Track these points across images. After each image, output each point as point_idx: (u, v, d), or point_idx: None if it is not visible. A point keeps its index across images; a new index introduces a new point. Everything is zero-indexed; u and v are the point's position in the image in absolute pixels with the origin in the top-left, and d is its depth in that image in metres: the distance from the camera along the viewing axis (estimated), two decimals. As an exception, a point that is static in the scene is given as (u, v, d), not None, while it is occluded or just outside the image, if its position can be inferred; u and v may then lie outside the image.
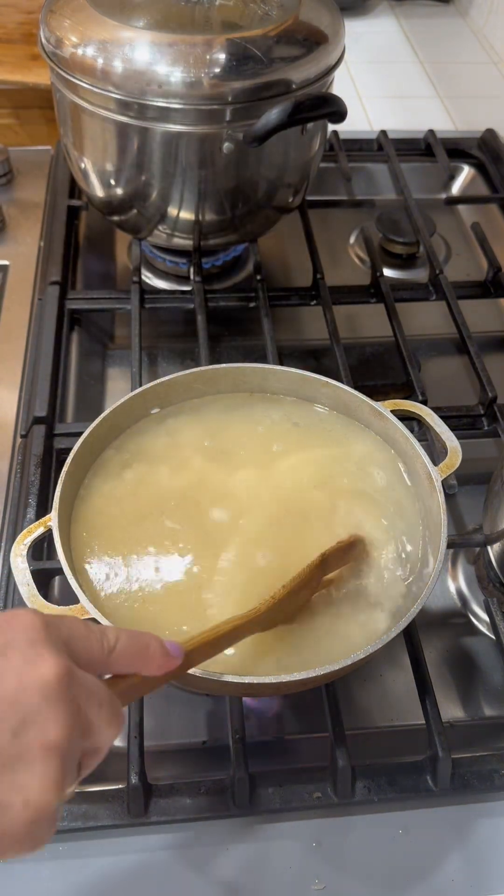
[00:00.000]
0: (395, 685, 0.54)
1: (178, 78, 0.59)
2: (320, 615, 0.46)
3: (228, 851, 0.46)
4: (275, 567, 0.47)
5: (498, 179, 0.95)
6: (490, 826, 0.48)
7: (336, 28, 0.66)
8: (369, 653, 0.41)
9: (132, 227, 0.74)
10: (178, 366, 0.74)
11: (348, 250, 0.89)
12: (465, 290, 0.79)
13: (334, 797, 0.47)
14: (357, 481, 0.52)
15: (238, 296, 0.76)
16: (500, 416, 0.66)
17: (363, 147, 0.98)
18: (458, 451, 0.51)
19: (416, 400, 0.66)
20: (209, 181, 0.66)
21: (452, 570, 0.61)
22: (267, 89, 0.61)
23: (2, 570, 0.56)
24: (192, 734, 0.52)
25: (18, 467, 0.61)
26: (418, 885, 0.45)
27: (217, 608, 0.45)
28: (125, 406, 0.53)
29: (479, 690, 0.55)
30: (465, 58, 1.24)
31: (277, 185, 0.70)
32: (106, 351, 0.76)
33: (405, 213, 0.87)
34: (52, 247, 0.78)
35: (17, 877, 0.45)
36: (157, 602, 0.46)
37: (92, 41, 0.60)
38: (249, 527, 0.49)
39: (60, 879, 0.45)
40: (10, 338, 0.73)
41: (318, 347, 0.76)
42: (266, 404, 0.56)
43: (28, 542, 0.46)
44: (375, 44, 1.26)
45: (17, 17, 1.05)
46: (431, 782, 0.47)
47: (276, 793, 0.47)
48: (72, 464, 0.48)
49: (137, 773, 0.45)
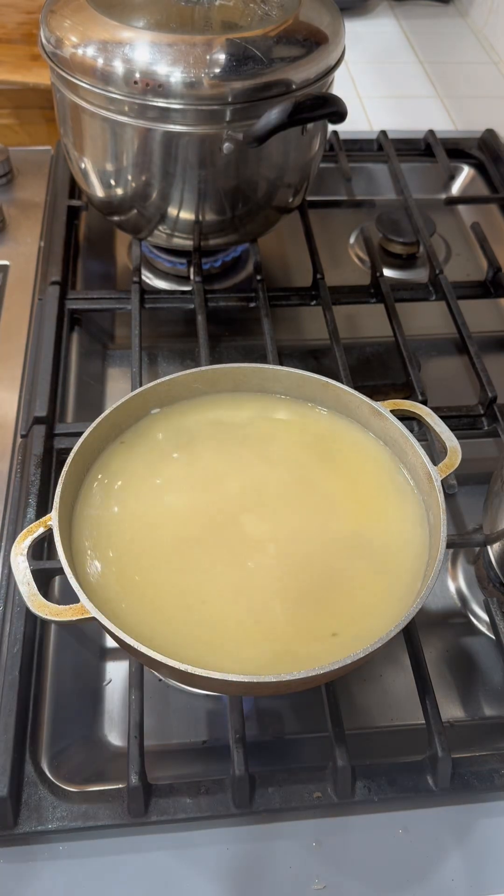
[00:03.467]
0: (395, 685, 0.54)
1: (178, 78, 0.59)
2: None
3: (228, 851, 0.46)
4: (285, 566, 0.47)
5: (498, 179, 0.95)
6: (490, 826, 0.48)
7: (336, 28, 0.66)
8: (369, 652, 0.41)
9: (132, 227, 0.74)
10: (178, 366, 0.74)
11: (348, 250, 0.89)
12: (465, 290, 0.79)
13: (334, 797, 0.47)
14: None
15: (238, 296, 0.76)
16: (500, 416, 0.66)
17: (363, 147, 0.98)
18: (457, 451, 0.51)
19: (415, 400, 0.66)
20: (209, 181, 0.66)
21: (452, 570, 0.61)
22: (267, 89, 0.61)
23: (2, 570, 0.56)
24: (192, 734, 0.52)
25: (18, 467, 0.61)
26: (418, 885, 0.45)
27: (217, 608, 0.45)
28: (125, 406, 0.53)
29: (479, 690, 0.55)
30: (465, 58, 1.24)
31: (277, 185, 0.70)
32: (106, 351, 0.76)
33: (405, 213, 0.87)
34: (52, 247, 0.78)
35: (18, 877, 0.45)
36: (157, 602, 0.46)
37: (92, 41, 0.60)
38: (256, 524, 0.49)
39: (60, 879, 0.45)
40: (10, 338, 0.73)
41: (318, 347, 0.76)
42: (266, 404, 0.57)
43: (28, 542, 0.46)
44: (375, 44, 1.26)
45: (17, 17, 1.05)
46: (431, 782, 0.47)
47: (276, 793, 0.47)
48: (72, 464, 0.48)
49: (137, 773, 0.45)
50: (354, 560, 0.48)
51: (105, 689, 0.54)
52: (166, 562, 0.47)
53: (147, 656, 0.39)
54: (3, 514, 0.59)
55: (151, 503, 0.50)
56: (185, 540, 0.48)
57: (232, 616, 0.45)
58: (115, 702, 0.53)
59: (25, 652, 0.50)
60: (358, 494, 0.51)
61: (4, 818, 0.45)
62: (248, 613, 0.45)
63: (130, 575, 0.47)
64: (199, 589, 0.46)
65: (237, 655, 0.44)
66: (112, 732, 0.52)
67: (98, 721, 0.52)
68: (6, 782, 0.45)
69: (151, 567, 0.47)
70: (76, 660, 0.55)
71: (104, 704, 0.53)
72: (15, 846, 0.46)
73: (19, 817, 0.45)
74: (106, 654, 0.55)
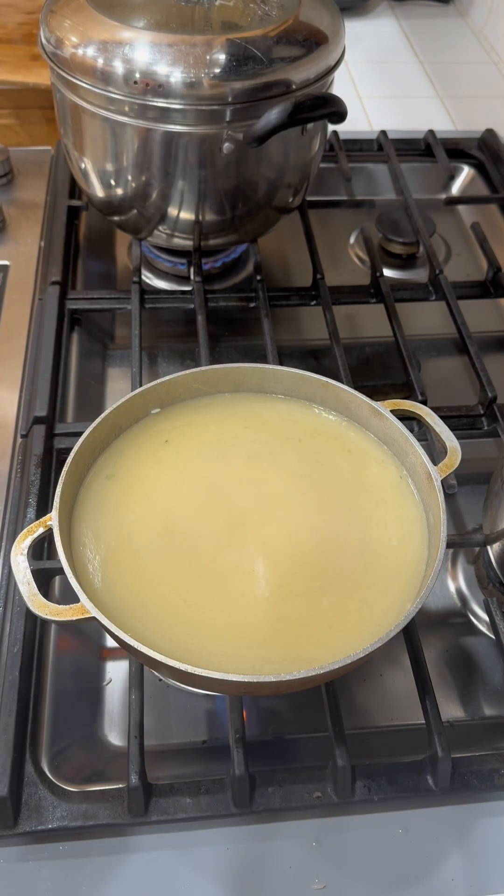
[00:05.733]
0: (395, 685, 0.54)
1: (178, 78, 0.59)
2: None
3: (228, 851, 0.46)
4: (285, 565, 0.47)
5: (498, 179, 0.95)
6: (490, 826, 0.48)
7: (336, 28, 0.66)
8: (369, 652, 0.41)
9: (132, 227, 0.74)
10: (178, 366, 0.74)
11: (348, 250, 0.89)
12: (464, 290, 0.79)
13: (334, 797, 0.47)
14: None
15: (238, 296, 0.76)
16: (499, 416, 0.66)
17: (363, 147, 0.98)
18: (457, 451, 0.51)
19: (415, 400, 0.66)
20: (209, 181, 0.66)
21: (452, 570, 0.61)
22: (267, 89, 0.61)
23: (2, 570, 0.56)
24: (192, 734, 0.52)
25: (18, 467, 0.61)
26: (418, 885, 0.45)
27: (217, 607, 0.45)
28: (125, 406, 0.53)
29: (479, 690, 0.55)
30: (465, 58, 1.24)
31: (277, 185, 0.70)
32: (106, 351, 0.76)
33: (405, 213, 0.87)
34: (52, 247, 0.78)
35: (18, 877, 0.45)
36: (157, 601, 0.46)
37: (92, 41, 0.60)
38: (256, 524, 0.49)
39: (60, 879, 0.45)
40: (10, 338, 0.73)
41: (318, 347, 0.76)
42: (266, 405, 0.57)
43: (28, 542, 0.46)
44: (375, 44, 1.26)
45: (17, 18, 1.05)
46: (431, 782, 0.47)
47: (276, 792, 0.47)
48: (72, 463, 0.48)
49: (137, 773, 0.45)
50: (354, 560, 0.48)
51: (105, 689, 0.54)
52: (166, 561, 0.47)
53: (147, 656, 0.39)
54: (3, 514, 0.59)
55: (151, 503, 0.50)
56: (185, 540, 0.48)
57: (232, 616, 0.45)
58: (115, 702, 0.53)
59: (25, 652, 0.50)
60: (357, 494, 0.51)
61: (4, 818, 0.45)
62: (248, 613, 0.45)
63: (130, 575, 0.47)
64: (199, 588, 0.46)
65: (237, 655, 0.44)
66: (112, 732, 0.52)
67: (98, 721, 0.52)
68: (6, 782, 0.45)
69: (151, 567, 0.47)
70: (76, 660, 0.55)
71: (104, 704, 0.53)
72: (15, 846, 0.46)
73: (19, 817, 0.45)
74: (106, 654, 0.55)
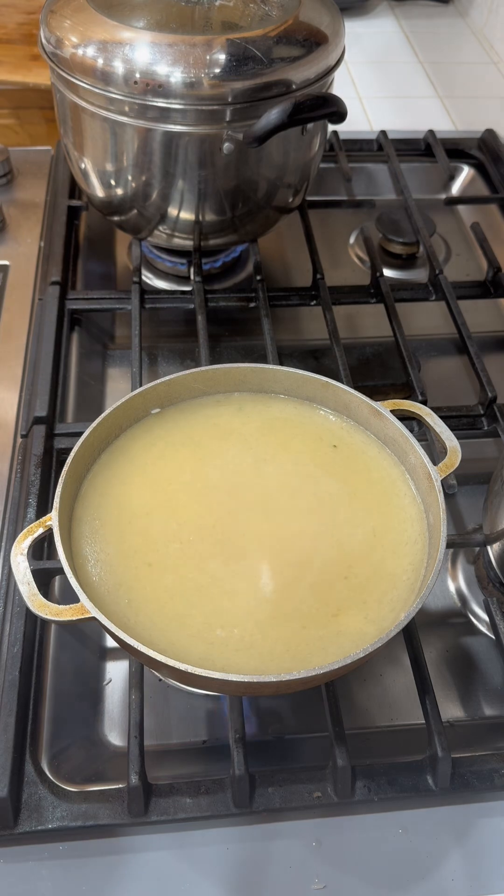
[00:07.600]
0: (395, 685, 0.54)
1: (178, 78, 0.59)
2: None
3: (228, 851, 0.46)
4: (284, 565, 0.47)
5: (498, 179, 0.95)
6: (490, 826, 0.48)
7: (336, 28, 0.66)
8: (369, 652, 0.41)
9: (132, 227, 0.74)
10: (178, 366, 0.74)
11: (348, 250, 0.89)
12: (464, 290, 0.79)
13: (334, 797, 0.47)
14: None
15: (238, 296, 0.76)
16: (499, 416, 0.66)
17: (363, 147, 0.98)
18: (457, 451, 0.51)
19: (415, 400, 0.66)
20: (209, 181, 0.66)
21: (452, 570, 0.61)
22: (267, 89, 0.61)
23: (2, 570, 0.56)
24: (192, 734, 0.52)
25: (18, 467, 0.61)
26: (418, 885, 0.45)
27: (217, 607, 0.45)
28: (125, 406, 0.53)
29: (479, 690, 0.55)
30: (465, 58, 1.24)
31: (277, 185, 0.70)
32: (106, 351, 0.76)
33: (405, 214, 0.87)
34: (52, 247, 0.78)
35: (18, 876, 0.45)
36: (157, 601, 0.46)
37: (92, 41, 0.60)
38: (255, 523, 0.49)
39: (60, 879, 0.45)
40: (10, 338, 0.73)
41: (318, 347, 0.76)
42: (266, 405, 0.57)
43: (28, 542, 0.46)
44: (375, 44, 1.26)
45: (17, 18, 1.05)
46: (431, 782, 0.47)
47: (275, 792, 0.47)
48: (72, 464, 0.48)
49: (137, 773, 0.45)
50: (354, 559, 0.48)
51: (105, 689, 0.54)
52: (166, 561, 0.47)
53: (147, 656, 0.39)
54: (3, 514, 0.59)
55: (151, 503, 0.50)
56: (185, 540, 0.48)
57: (232, 615, 0.45)
58: (115, 702, 0.53)
59: (25, 652, 0.51)
60: (357, 494, 0.51)
61: (4, 818, 0.45)
62: (247, 612, 0.45)
63: (130, 574, 0.47)
64: (198, 588, 0.46)
65: (237, 655, 0.44)
66: (112, 732, 0.52)
67: (98, 721, 0.52)
68: (6, 782, 0.45)
69: (151, 567, 0.47)
70: (76, 660, 0.55)
71: (104, 704, 0.53)
72: (15, 846, 0.46)
73: (19, 817, 0.45)
74: (106, 654, 0.55)
